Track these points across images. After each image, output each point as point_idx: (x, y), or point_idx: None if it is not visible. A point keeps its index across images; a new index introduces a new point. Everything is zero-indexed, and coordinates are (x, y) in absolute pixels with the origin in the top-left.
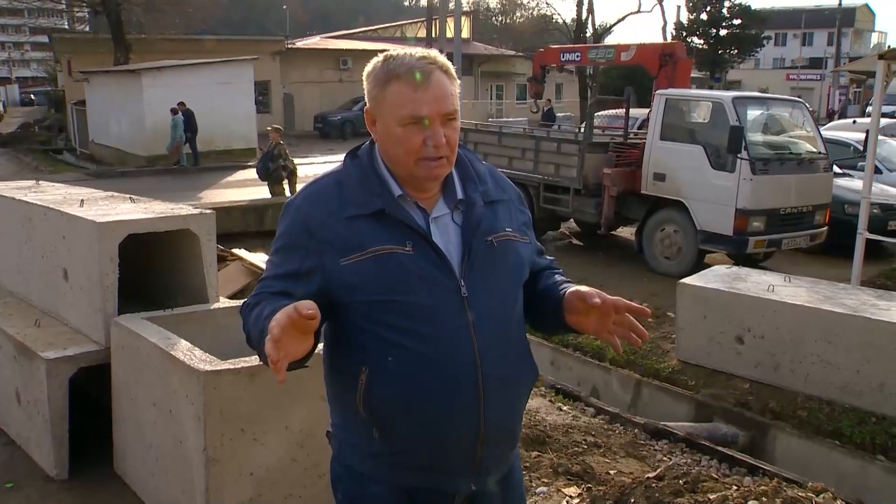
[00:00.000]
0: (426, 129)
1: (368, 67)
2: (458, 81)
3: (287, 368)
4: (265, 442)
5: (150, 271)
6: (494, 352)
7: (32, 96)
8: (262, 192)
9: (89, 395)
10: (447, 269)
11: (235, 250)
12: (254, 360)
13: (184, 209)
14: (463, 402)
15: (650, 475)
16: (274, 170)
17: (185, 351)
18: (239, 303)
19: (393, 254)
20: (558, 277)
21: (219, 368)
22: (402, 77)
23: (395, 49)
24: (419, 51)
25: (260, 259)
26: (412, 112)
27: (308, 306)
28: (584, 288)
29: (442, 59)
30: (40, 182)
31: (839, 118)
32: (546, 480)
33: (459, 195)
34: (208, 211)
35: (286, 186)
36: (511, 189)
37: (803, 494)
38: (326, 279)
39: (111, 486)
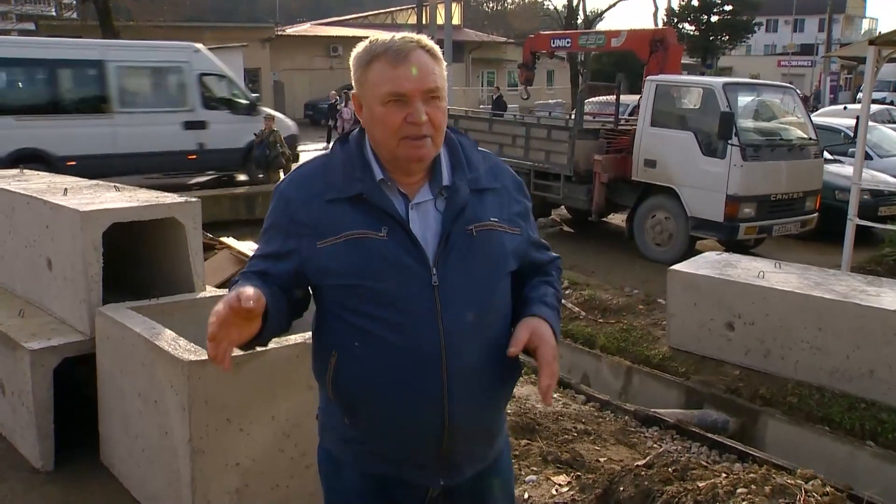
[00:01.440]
0: (407, 106)
1: (353, 52)
2: (445, 63)
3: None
4: (251, 432)
5: (136, 260)
6: (464, 344)
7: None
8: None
9: (77, 384)
10: (420, 257)
11: (224, 239)
12: (239, 350)
13: (169, 197)
14: (426, 393)
15: (639, 463)
16: (274, 157)
17: (170, 341)
18: (226, 291)
19: (365, 239)
20: (541, 290)
21: (203, 358)
22: (381, 56)
23: (388, 34)
24: (403, 34)
25: (248, 247)
26: (391, 89)
27: (248, 297)
28: (520, 329)
29: (426, 40)
30: (24, 171)
31: (813, 106)
32: (535, 469)
33: (446, 181)
34: (193, 199)
35: (281, 174)
36: (508, 178)
37: (792, 482)
38: (303, 262)
39: (97, 477)
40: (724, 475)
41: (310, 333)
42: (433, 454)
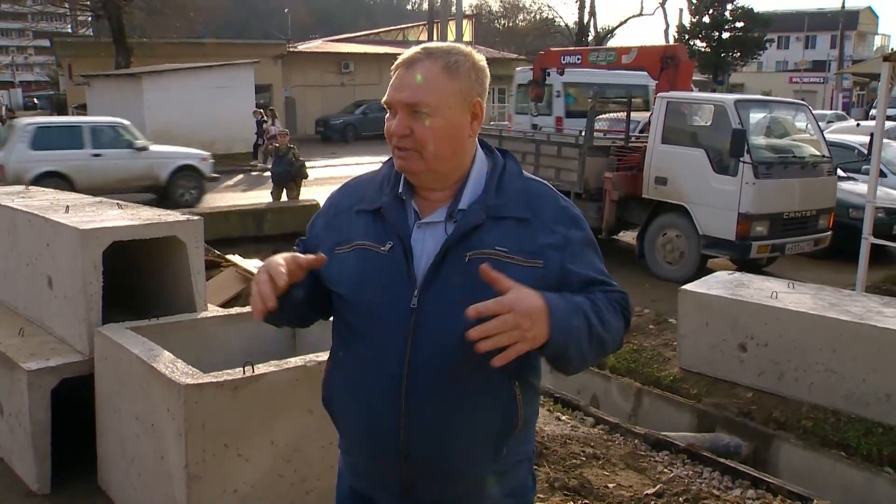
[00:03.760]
0: (393, 116)
1: None
2: (463, 78)
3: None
4: (250, 457)
5: (139, 278)
6: (432, 373)
7: (35, 100)
8: (262, 196)
9: (76, 405)
10: (409, 277)
11: (230, 256)
12: (237, 373)
13: (171, 215)
14: (384, 414)
15: (649, 492)
16: (297, 170)
17: (167, 363)
18: (229, 311)
19: (365, 251)
20: (567, 295)
21: (200, 382)
22: (395, 65)
23: (400, 51)
24: (434, 43)
25: (255, 265)
26: (385, 97)
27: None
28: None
29: (445, 50)
30: (30, 187)
31: None
32: (542, 496)
33: (462, 205)
34: (195, 217)
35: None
36: (548, 208)
37: None
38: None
39: (94, 500)
40: None
41: (309, 357)
42: (396, 479)
